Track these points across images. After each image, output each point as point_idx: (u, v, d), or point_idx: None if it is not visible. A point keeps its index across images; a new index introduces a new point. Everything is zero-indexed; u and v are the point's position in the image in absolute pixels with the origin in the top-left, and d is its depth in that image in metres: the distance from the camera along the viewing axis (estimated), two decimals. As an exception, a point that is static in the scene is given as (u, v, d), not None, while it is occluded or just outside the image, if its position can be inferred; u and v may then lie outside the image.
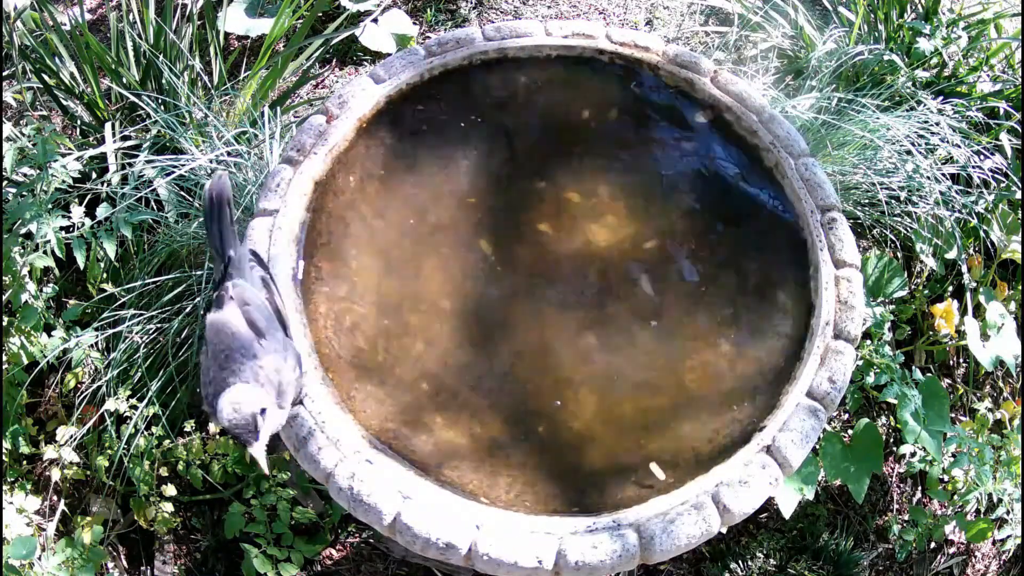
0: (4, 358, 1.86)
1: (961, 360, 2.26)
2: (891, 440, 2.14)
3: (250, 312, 1.26)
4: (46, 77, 2.24)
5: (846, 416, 2.13)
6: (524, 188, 1.65)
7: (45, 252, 1.90)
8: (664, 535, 1.25)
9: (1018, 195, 2.21)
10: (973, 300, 2.13)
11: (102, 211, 1.93)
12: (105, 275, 2.07)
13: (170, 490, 1.84)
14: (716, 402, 1.43)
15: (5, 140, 1.97)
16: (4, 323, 1.87)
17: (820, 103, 2.20)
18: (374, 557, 1.96)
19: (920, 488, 2.12)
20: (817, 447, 1.87)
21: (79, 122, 2.31)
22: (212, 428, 1.90)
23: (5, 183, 1.99)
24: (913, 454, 2.02)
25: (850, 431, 2.03)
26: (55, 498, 1.94)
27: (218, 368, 1.20)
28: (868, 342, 1.92)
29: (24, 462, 1.96)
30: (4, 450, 1.86)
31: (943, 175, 2.11)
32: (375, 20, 2.69)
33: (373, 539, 1.96)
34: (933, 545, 2.06)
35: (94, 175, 2.17)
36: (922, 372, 1.96)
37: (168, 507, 1.86)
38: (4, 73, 2.25)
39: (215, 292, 1.30)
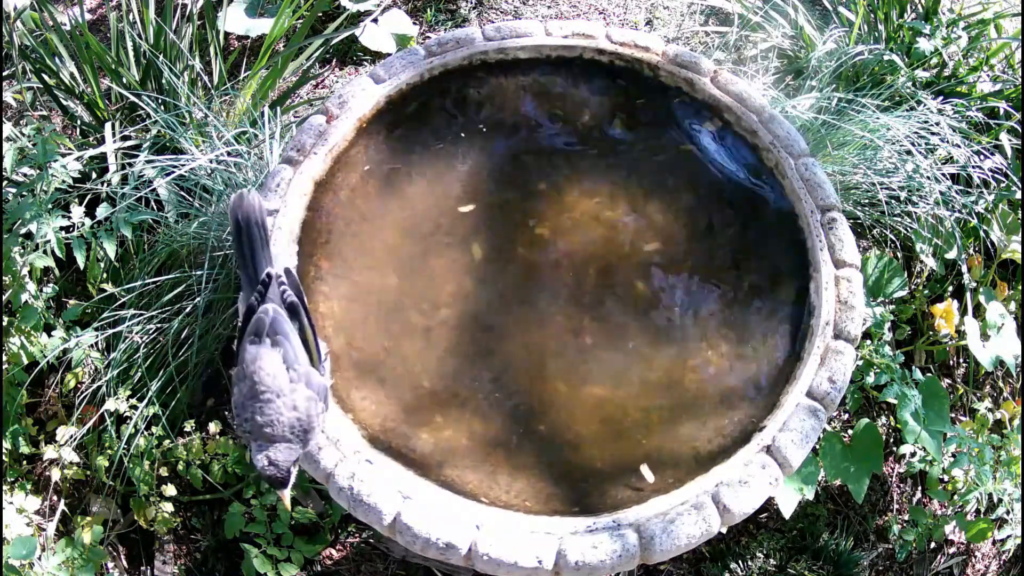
0: (4, 358, 1.86)
1: (961, 360, 2.26)
2: (891, 440, 2.14)
3: (283, 345, 1.28)
4: (46, 77, 2.24)
5: (846, 416, 2.13)
6: (524, 188, 1.65)
7: (45, 252, 1.90)
8: (664, 535, 1.25)
9: (1018, 195, 2.21)
10: (973, 300, 2.13)
11: (102, 211, 1.93)
12: (105, 275, 2.07)
13: (170, 490, 1.84)
14: (716, 402, 1.43)
15: (5, 140, 1.97)
16: (4, 323, 1.87)
17: (820, 103, 2.20)
18: (374, 557, 1.96)
19: (920, 488, 2.12)
20: (817, 447, 1.87)
21: (79, 122, 2.31)
22: (212, 428, 1.90)
23: (5, 183, 1.99)
24: (913, 454, 2.02)
25: (850, 431, 2.03)
26: (55, 498, 1.94)
27: (255, 409, 1.25)
28: (868, 342, 1.92)
29: (24, 462, 1.96)
30: (4, 450, 1.86)
31: (943, 175, 2.11)
32: (375, 20, 2.69)
33: (373, 539, 1.96)
34: (933, 545, 2.06)
35: (94, 175, 2.17)
36: (922, 372, 1.96)
37: (168, 507, 1.86)
38: (4, 73, 2.25)
39: (251, 316, 1.30)
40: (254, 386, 1.25)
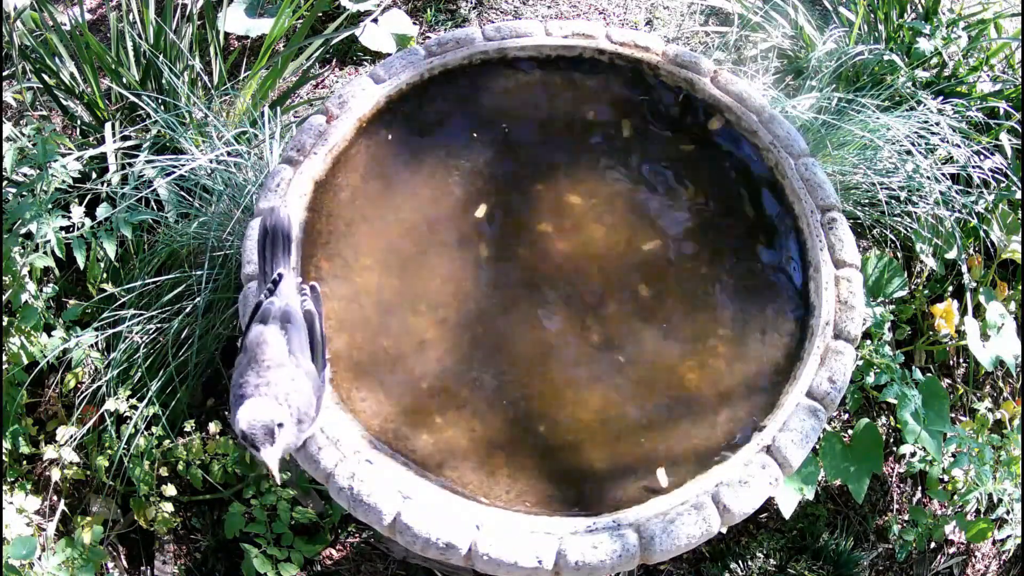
0: (4, 358, 1.86)
1: (961, 360, 2.26)
2: (891, 440, 2.14)
3: (290, 333, 1.29)
4: (46, 77, 2.24)
5: (846, 416, 2.13)
6: (524, 188, 1.65)
7: (45, 252, 1.90)
8: (664, 535, 1.25)
9: (1018, 195, 2.21)
10: (973, 300, 2.13)
11: (102, 211, 1.93)
12: (105, 275, 2.07)
13: (170, 490, 1.84)
14: (716, 402, 1.43)
15: (5, 140, 1.97)
16: (4, 323, 1.87)
17: (820, 103, 2.20)
18: (374, 557, 1.96)
19: (920, 488, 2.12)
20: (817, 447, 1.87)
21: (79, 122, 2.31)
22: (212, 428, 1.90)
23: (5, 183, 1.99)
24: (913, 454, 2.02)
25: (850, 431, 2.03)
26: (55, 498, 1.94)
27: (253, 376, 1.24)
28: (868, 342, 1.92)
29: (24, 462, 1.96)
30: (4, 450, 1.86)
31: (943, 175, 2.11)
32: (375, 20, 2.69)
33: (373, 539, 1.96)
34: (933, 545, 2.06)
35: (94, 175, 2.17)
36: (922, 372, 1.96)
37: (168, 507, 1.86)
38: (4, 73, 2.25)
39: (260, 306, 1.32)
40: (255, 357, 1.25)
